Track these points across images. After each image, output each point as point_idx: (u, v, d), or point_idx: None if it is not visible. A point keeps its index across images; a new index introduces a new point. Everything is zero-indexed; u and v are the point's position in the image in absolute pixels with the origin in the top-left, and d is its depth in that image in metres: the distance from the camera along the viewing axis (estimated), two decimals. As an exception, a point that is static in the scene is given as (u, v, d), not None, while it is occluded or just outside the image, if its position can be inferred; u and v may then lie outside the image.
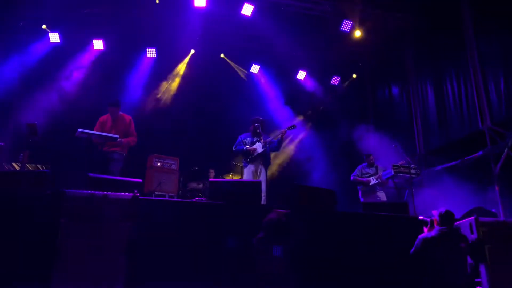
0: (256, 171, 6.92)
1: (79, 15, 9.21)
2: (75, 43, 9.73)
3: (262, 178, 6.75)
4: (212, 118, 10.49)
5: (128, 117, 6.94)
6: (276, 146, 7.06)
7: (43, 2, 8.61)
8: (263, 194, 5.77)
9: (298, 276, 4.03)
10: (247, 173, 6.94)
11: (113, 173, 6.27)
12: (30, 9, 8.81)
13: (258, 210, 4.66)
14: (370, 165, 8.47)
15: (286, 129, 7.01)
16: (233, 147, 7.17)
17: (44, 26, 9.32)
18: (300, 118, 11.41)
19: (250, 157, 6.93)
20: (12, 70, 8.76)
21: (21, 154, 6.54)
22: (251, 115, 7.49)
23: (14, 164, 7.00)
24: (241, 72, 10.99)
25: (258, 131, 7.00)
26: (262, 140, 6.96)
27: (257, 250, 3.88)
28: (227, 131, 7.73)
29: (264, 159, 6.90)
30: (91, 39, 9.74)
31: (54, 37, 9.41)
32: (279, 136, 6.99)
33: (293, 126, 7.19)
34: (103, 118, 6.88)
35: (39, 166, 7.14)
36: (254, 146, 6.97)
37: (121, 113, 6.89)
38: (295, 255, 4.02)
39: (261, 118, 7.22)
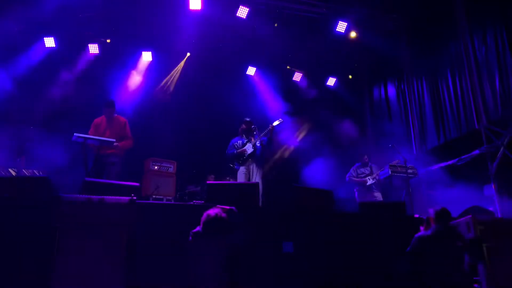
0: (248, 172, 6.92)
1: (74, 19, 9.18)
2: (70, 47, 9.70)
3: (257, 179, 6.77)
4: (209, 120, 10.48)
5: (123, 119, 6.92)
6: (267, 143, 7.04)
7: (39, 7, 8.59)
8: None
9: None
10: (240, 175, 6.95)
11: (111, 177, 6.24)
12: (26, 14, 8.78)
13: (255, 212, 4.67)
14: (364, 164, 8.49)
15: (273, 125, 7.00)
16: (226, 152, 7.23)
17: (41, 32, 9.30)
18: (296, 118, 11.41)
19: (241, 159, 6.96)
20: (7, 75, 8.72)
21: (18, 160, 6.53)
22: (249, 117, 7.49)
23: (10, 170, 6.98)
24: None
25: (254, 132, 7.04)
26: (253, 140, 6.99)
27: (191, 246, 3.74)
28: (225, 134, 7.73)
29: (256, 159, 6.95)
30: (87, 43, 9.73)
31: (50, 42, 9.38)
32: (268, 133, 6.99)
33: (280, 120, 7.15)
34: (97, 120, 6.87)
35: (35, 171, 7.12)
36: (244, 148, 7.00)
37: (116, 115, 6.88)
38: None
39: (248, 119, 7.25)
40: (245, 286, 4.06)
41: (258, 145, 6.94)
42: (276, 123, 7.07)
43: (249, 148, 6.96)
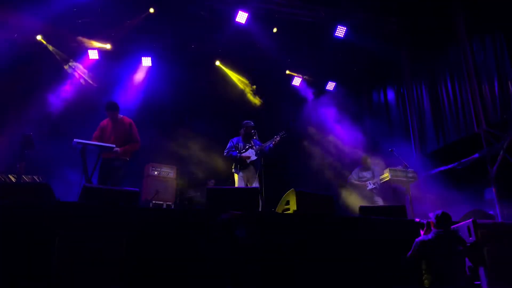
0: (248, 178, 6.85)
1: (73, 25, 9.20)
2: (70, 53, 9.72)
3: (256, 184, 6.69)
4: (210, 125, 10.48)
5: (128, 120, 6.85)
6: (267, 153, 6.82)
7: (38, 13, 8.61)
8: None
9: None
10: (240, 181, 6.84)
11: (116, 182, 6.21)
12: (25, 20, 8.80)
13: (256, 217, 4.65)
14: (366, 168, 8.45)
15: (279, 137, 6.72)
16: (225, 151, 7.06)
17: (39, 37, 9.32)
18: (295, 123, 11.41)
19: (243, 164, 6.88)
20: (6, 80, 8.71)
21: (18, 166, 6.52)
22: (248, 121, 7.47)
23: (10, 176, 6.97)
24: None
25: (254, 137, 6.97)
26: (255, 147, 6.91)
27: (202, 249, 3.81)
28: (225, 139, 7.72)
29: (256, 167, 6.86)
30: (86, 49, 9.74)
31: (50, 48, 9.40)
32: (272, 143, 6.76)
33: (285, 133, 6.87)
34: (103, 122, 6.83)
35: (35, 177, 7.11)
36: (247, 154, 6.90)
37: (121, 116, 6.83)
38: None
39: (252, 123, 7.13)
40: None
41: (260, 153, 6.81)
42: (282, 135, 6.78)
43: (252, 156, 6.87)
